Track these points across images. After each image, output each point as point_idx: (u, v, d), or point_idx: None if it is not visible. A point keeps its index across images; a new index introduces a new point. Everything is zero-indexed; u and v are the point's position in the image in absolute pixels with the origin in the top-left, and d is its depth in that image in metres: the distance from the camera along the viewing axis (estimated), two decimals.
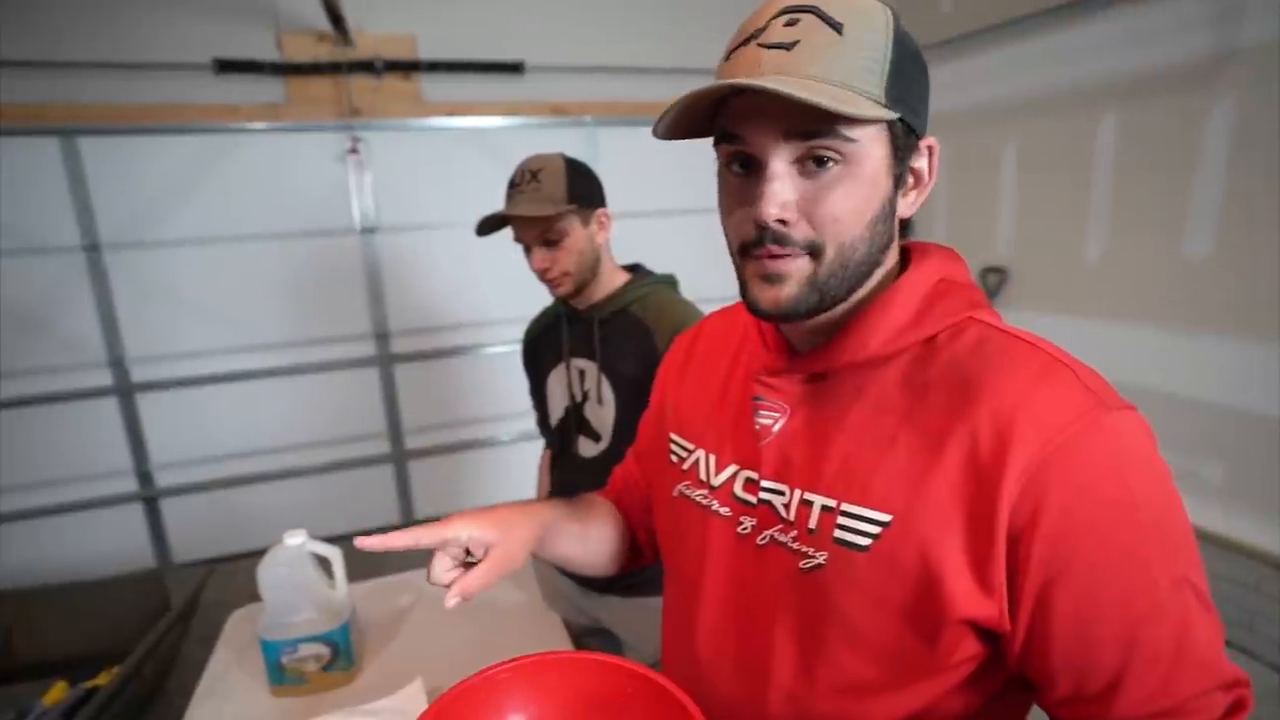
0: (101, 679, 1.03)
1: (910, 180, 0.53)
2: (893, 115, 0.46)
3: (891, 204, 0.51)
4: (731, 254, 0.54)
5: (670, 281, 1.20)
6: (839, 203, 0.48)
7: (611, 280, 1.17)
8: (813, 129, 0.46)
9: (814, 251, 0.49)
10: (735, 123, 0.49)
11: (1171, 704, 0.46)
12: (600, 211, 1.14)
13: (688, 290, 1.21)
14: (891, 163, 0.50)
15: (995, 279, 2.45)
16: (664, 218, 2.72)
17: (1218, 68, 1.78)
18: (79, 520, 2.29)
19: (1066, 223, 2.20)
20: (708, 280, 1.45)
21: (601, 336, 1.15)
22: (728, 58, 0.49)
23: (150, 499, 2.37)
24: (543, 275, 1.12)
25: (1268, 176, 1.70)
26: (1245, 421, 1.82)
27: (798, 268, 0.50)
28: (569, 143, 2.50)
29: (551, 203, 1.07)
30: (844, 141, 0.47)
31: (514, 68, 2.50)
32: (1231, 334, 1.83)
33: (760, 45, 0.47)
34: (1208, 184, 1.83)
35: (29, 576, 2.17)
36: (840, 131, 0.46)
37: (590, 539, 0.76)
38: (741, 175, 0.51)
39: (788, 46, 0.46)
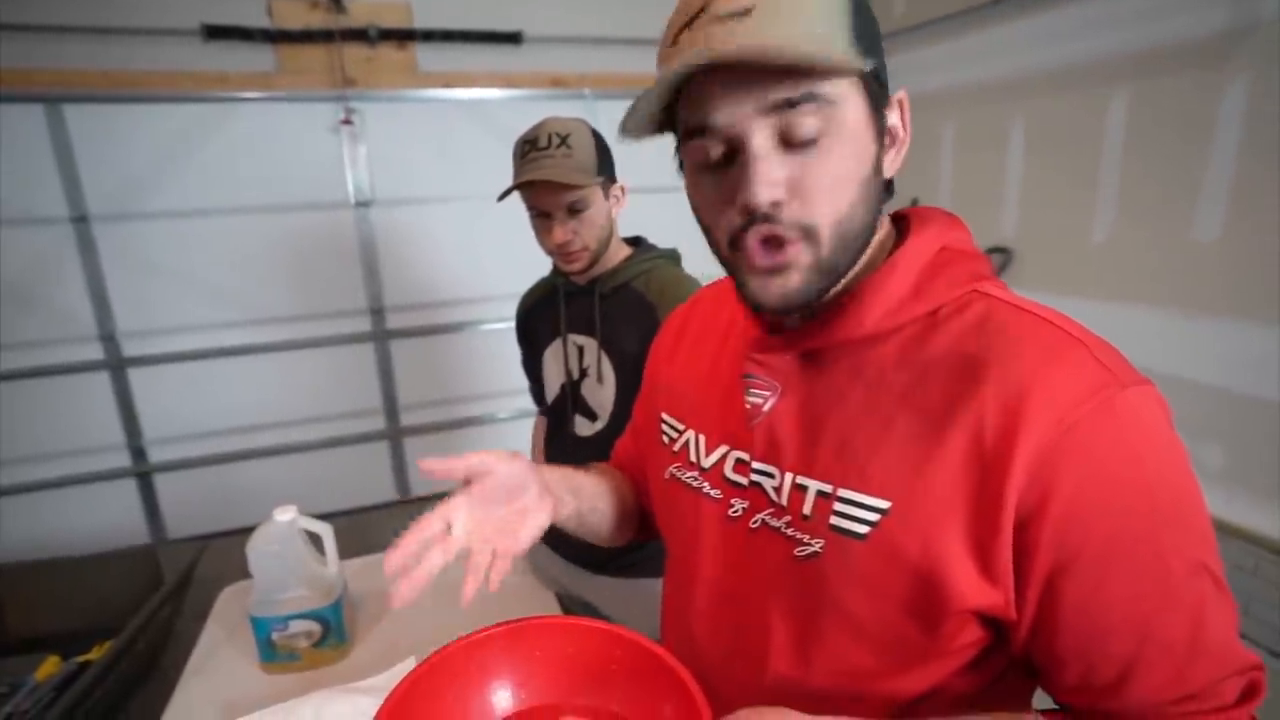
0: (94, 654, 1.03)
1: (888, 138, 0.50)
2: (868, 65, 0.43)
3: (878, 163, 0.48)
4: (719, 254, 0.51)
5: (674, 256, 1.17)
6: (830, 171, 0.45)
7: (615, 254, 1.13)
8: (790, 97, 0.43)
9: (809, 235, 0.46)
10: (702, 111, 0.45)
11: (1185, 693, 0.44)
12: (617, 185, 1.11)
13: (687, 266, 1.18)
14: (872, 118, 0.47)
15: (1000, 259, 2.42)
16: (661, 193, 2.68)
17: (1233, 44, 1.74)
18: (71, 495, 2.28)
19: (1073, 203, 2.17)
20: (706, 256, 1.42)
21: (602, 312, 1.12)
22: (673, 41, 0.45)
23: (143, 474, 2.36)
24: (563, 248, 1.07)
25: None
26: (1248, 406, 1.81)
27: (797, 255, 0.46)
28: (568, 115, 2.46)
29: (584, 172, 1.03)
30: (824, 104, 0.43)
31: (512, 38, 2.44)
32: (1239, 319, 1.82)
33: (713, 18, 0.43)
34: (1219, 165, 1.80)
35: (21, 551, 2.16)
36: (819, 94, 0.43)
37: (600, 497, 0.74)
38: (718, 167, 0.47)
39: (742, 14, 0.42)
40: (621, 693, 0.55)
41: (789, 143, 0.44)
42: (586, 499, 0.71)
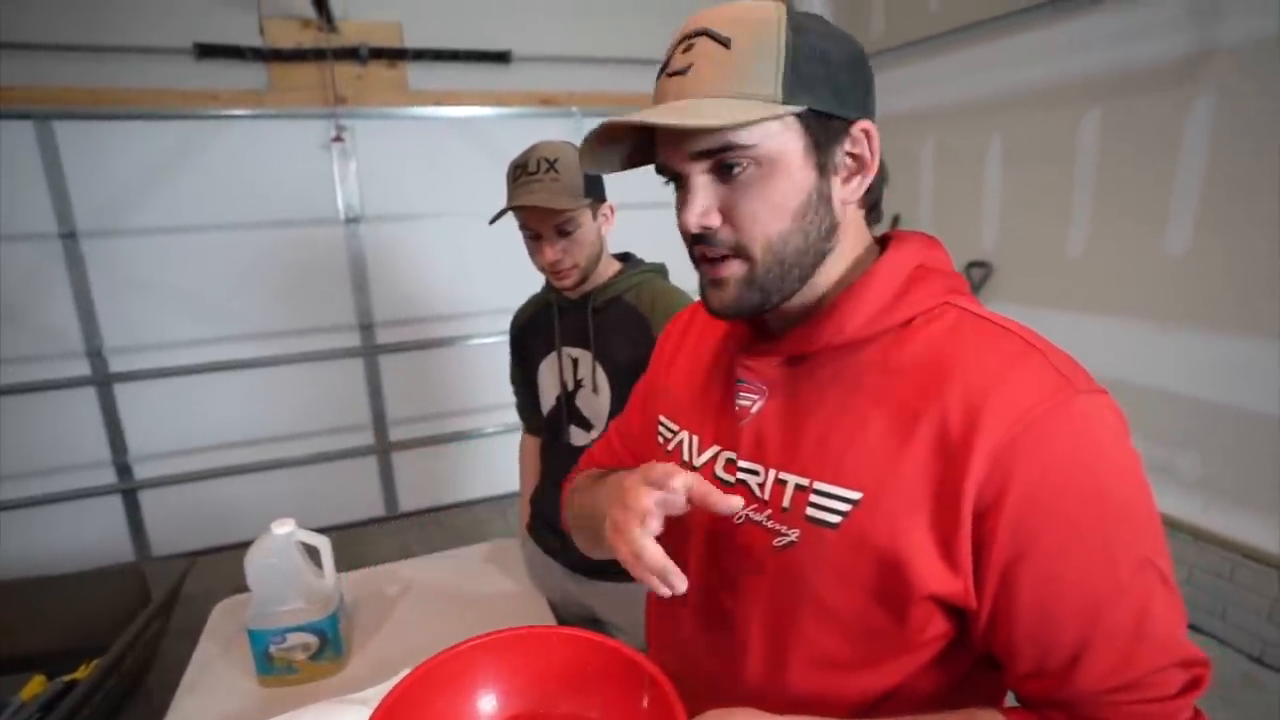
0: (80, 673, 1.01)
1: (847, 167, 0.52)
2: (781, 110, 0.48)
3: (821, 192, 0.52)
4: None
5: (661, 270, 1.20)
6: (755, 201, 0.50)
7: (605, 269, 1.17)
8: (708, 148, 0.49)
9: (741, 254, 0.52)
10: (657, 151, 0.54)
11: (1129, 679, 0.47)
12: (606, 205, 1.14)
13: (673, 279, 1.21)
14: (812, 153, 0.50)
15: (979, 273, 2.48)
16: (647, 209, 2.72)
17: (1199, 66, 1.81)
18: (55, 513, 2.25)
19: (1049, 218, 2.23)
20: (691, 270, 1.44)
21: (596, 325, 1.14)
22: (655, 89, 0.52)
23: (129, 491, 2.33)
24: (553, 266, 1.11)
25: (1246, 173, 1.74)
26: (1222, 415, 1.86)
27: (732, 271, 0.53)
28: (556, 134, 2.47)
29: (571, 195, 1.07)
30: (742, 150, 0.49)
31: (501, 57, 2.48)
32: (1209, 329, 1.87)
33: (666, 75, 0.51)
34: (1188, 180, 1.86)
35: (4, 569, 2.12)
36: (736, 143, 0.48)
37: None
38: (677, 191, 0.54)
39: (684, 71, 0.49)
40: (601, 698, 0.58)
41: (722, 176, 0.51)
42: None
